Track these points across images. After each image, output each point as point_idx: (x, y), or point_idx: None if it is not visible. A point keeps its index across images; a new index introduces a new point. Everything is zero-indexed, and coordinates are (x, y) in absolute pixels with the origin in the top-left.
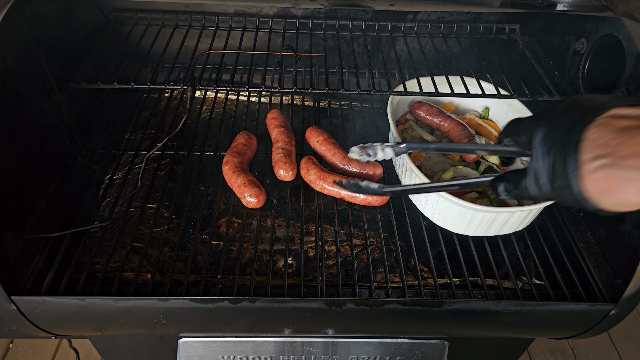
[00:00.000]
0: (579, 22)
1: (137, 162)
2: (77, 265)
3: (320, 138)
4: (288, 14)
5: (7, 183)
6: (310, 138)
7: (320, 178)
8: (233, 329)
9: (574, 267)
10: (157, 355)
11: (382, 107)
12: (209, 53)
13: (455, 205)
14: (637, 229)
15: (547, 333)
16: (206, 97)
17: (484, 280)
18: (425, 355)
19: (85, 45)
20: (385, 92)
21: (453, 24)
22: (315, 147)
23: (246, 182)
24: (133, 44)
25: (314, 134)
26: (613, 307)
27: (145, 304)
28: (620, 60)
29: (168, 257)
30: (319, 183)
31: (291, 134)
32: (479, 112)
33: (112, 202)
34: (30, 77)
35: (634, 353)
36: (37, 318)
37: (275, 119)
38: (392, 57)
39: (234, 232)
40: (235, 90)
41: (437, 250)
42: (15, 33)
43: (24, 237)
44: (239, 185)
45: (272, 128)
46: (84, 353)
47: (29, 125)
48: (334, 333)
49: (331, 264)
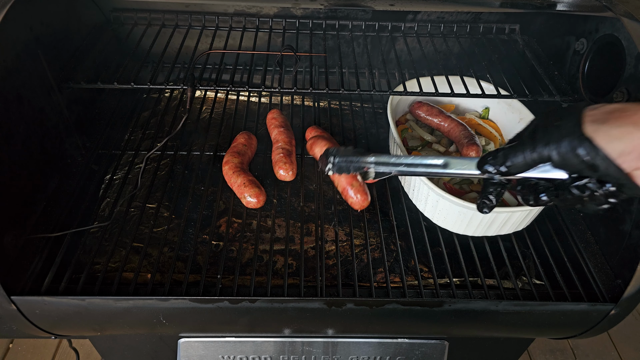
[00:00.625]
0: (579, 22)
1: (137, 162)
2: (77, 265)
3: (316, 136)
4: (288, 14)
5: (7, 183)
6: (310, 140)
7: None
8: (233, 329)
9: (574, 267)
10: (157, 355)
11: (382, 107)
12: (209, 53)
13: (455, 205)
14: (637, 229)
15: (547, 333)
16: (206, 97)
17: (484, 280)
18: (425, 355)
19: (85, 45)
20: (385, 92)
21: (453, 24)
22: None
23: (246, 182)
24: (133, 44)
25: (314, 134)
26: (613, 307)
27: (145, 304)
28: (620, 60)
29: (168, 257)
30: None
31: (291, 134)
32: (479, 112)
33: (112, 202)
34: (30, 77)
35: (634, 353)
36: (37, 318)
37: (275, 119)
38: (392, 57)
39: (234, 232)
40: (235, 90)
41: (437, 250)
42: (15, 33)
43: (24, 237)
44: (239, 185)
45: (272, 128)
46: (84, 353)
47: (29, 125)
48: (334, 333)
49: (331, 264)
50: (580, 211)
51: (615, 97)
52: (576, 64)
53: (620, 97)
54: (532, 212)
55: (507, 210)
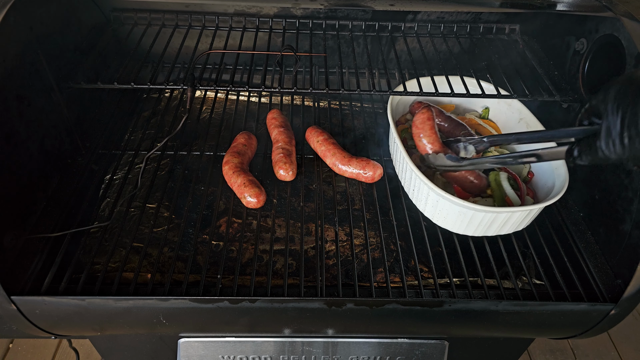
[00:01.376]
0: (579, 22)
1: (137, 162)
2: (77, 265)
3: (320, 138)
4: (288, 14)
5: (7, 183)
6: (310, 138)
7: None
8: (233, 329)
9: (574, 267)
10: (157, 355)
11: (382, 107)
12: (209, 53)
13: (455, 205)
14: (637, 229)
15: (547, 333)
16: (206, 97)
17: (484, 280)
18: (425, 355)
19: (85, 45)
20: (385, 92)
21: (453, 24)
22: (315, 147)
23: (246, 182)
24: (133, 44)
25: (314, 134)
26: (613, 307)
27: (145, 304)
28: (620, 60)
29: (168, 257)
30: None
31: (291, 134)
32: (479, 112)
33: (112, 202)
34: (30, 77)
35: (634, 353)
36: (37, 318)
37: (275, 119)
38: (392, 57)
39: (234, 232)
40: (235, 90)
41: (437, 250)
42: (15, 33)
43: (24, 237)
44: (239, 185)
45: (272, 128)
46: (84, 353)
47: (29, 125)
48: (334, 333)
49: (331, 264)
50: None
51: None
52: (576, 64)
53: None
54: (532, 212)
55: (507, 210)
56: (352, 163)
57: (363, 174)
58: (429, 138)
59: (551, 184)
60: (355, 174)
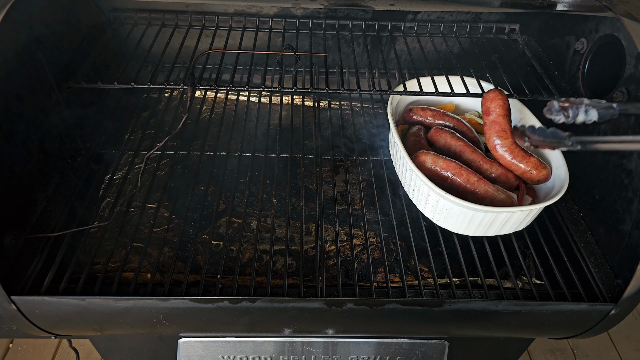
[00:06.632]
0: (579, 22)
1: (137, 162)
2: (77, 265)
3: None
4: (288, 14)
5: (7, 183)
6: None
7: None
8: (233, 329)
9: (574, 267)
10: (157, 355)
11: (382, 107)
12: (209, 53)
13: (455, 205)
14: (637, 229)
15: (547, 333)
16: (206, 97)
17: (484, 280)
18: (425, 355)
19: (85, 45)
20: (385, 92)
21: (453, 24)
22: (448, 142)
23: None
24: (133, 44)
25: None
26: (613, 307)
27: (145, 304)
28: (620, 60)
29: (168, 257)
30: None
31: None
32: (479, 112)
33: (112, 202)
34: (30, 77)
35: (634, 353)
36: (37, 318)
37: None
38: (392, 57)
39: (234, 232)
40: (235, 90)
41: (437, 250)
42: (15, 33)
43: (24, 237)
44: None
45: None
46: (84, 353)
47: (29, 125)
48: (334, 333)
49: (331, 264)
50: None
51: (615, 97)
52: (576, 64)
53: (620, 97)
54: (532, 212)
55: (507, 210)
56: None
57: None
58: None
59: (551, 184)
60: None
